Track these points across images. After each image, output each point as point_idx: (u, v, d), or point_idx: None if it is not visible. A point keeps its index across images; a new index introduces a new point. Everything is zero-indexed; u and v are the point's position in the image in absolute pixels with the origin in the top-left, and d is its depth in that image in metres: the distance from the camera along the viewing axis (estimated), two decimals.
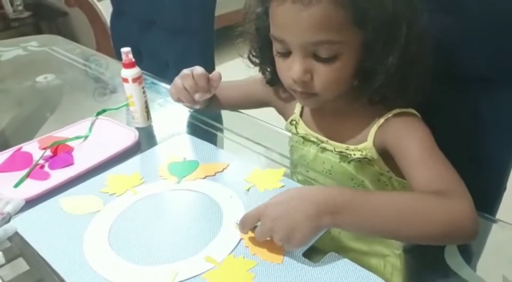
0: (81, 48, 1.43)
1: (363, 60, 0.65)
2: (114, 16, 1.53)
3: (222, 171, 0.76)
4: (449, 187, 0.60)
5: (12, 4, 2.81)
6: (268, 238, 0.57)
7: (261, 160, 0.82)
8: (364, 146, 0.72)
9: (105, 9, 2.74)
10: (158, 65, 1.32)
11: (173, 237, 0.62)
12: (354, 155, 0.73)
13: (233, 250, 0.59)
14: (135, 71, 0.86)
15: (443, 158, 0.64)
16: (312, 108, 0.80)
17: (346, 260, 0.56)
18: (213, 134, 0.90)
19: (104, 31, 2.71)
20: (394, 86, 0.66)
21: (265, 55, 0.76)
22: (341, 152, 0.75)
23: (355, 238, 0.76)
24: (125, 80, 0.86)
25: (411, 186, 0.64)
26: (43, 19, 3.05)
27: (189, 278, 0.55)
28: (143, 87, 0.89)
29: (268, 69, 0.79)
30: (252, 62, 0.80)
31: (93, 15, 2.77)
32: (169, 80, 1.13)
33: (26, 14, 2.86)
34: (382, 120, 0.71)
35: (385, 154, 0.72)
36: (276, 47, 0.68)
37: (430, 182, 0.62)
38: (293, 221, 0.54)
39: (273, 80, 0.80)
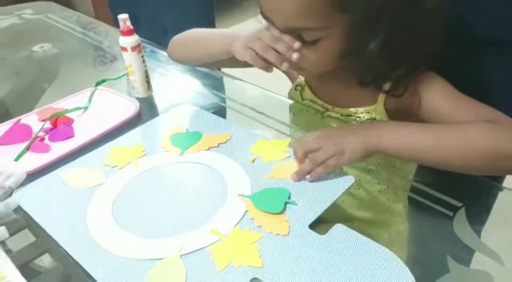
0: (77, 15, 1.39)
1: (347, 43, 0.62)
2: None
3: (226, 142, 0.74)
4: (494, 118, 0.60)
5: None
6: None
7: (264, 130, 0.80)
8: (374, 107, 0.71)
9: None
10: (157, 32, 1.28)
11: (177, 210, 0.62)
12: (364, 117, 0.71)
13: (238, 223, 0.58)
14: (134, 39, 0.84)
15: (469, 98, 0.63)
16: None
17: (353, 231, 0.55)
18: (216, 104, 0.88)
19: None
20: (381, 70, 0.64)
21: None
22: (349, 115, 0.73)
23: (360, 207, 0.75)
24: (124, 49, 0.84)
25: None
26: None
27: (194, 251, 0.55)
28: (142, 56, 0.86)
29: None
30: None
31: None
32: None
33: None
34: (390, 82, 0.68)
35: (395, 116, 0.70)
36: (268, 21, 0.66)
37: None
38: (345, 138, 0.61)
39: None
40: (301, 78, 0.80)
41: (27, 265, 0.57)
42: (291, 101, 0.83)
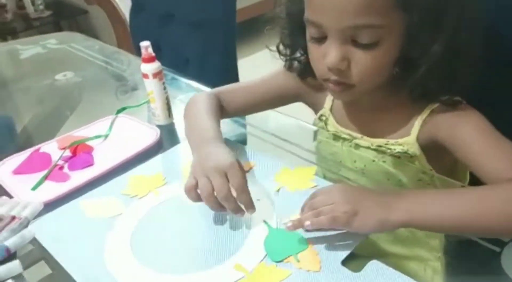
0: (100, 44, 1.41)
1: (406, 47, 0.59)
2: (132, 11, 1.49)
3: (248, 171, 0.71)
4: None
5: (33, 4, 2.81)
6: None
7: (288, 158, 0.77)
8: (406, 140, 0.66)
9: (125, 6, 2.72)
10: (178, 62, 1.28)
11: (199, 243, 0.58)
12: (394, 149, 0.67)
13: (264, 258, 0.54)
14: (155, 66, 0.82)
15: (508, 142, 0.59)
16: (345, 102, 0.74)
17: (390, 268, 0.51)
18: (237, 132, 0.85)
19: (124, 28, 2.70)
20: (438, 78, 0.60)
21: (297, 42, 0.70)
22: (380, 146, 0.69)
23: (395, 242, 0.70)
24: (145, 76, 0.83)
25: (481, 177, 0.59)
26: (63, 18, 3.05)
27: None
28: (163, 83, 0.85)
29: (301, 58, 0.73)
30: (280, 53, 0.75)
31: (113, 12, 2.76)
32: (190, 76, 1.10)
33: (46, 13, 2.87)
34: (427, 112, 0.65)
35: (429, 150, 0.66)
36: (311, 32, 0.62)
37: (504, 171, 0.56)
38: (361, 205, 0.54)
39: (305, 70, 0.74)
40: (325, 108, 0.77)
41: None
42: (315, 128, 0.80)
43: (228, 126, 0.85)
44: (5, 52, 1.43)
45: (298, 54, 0.73)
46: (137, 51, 1.05)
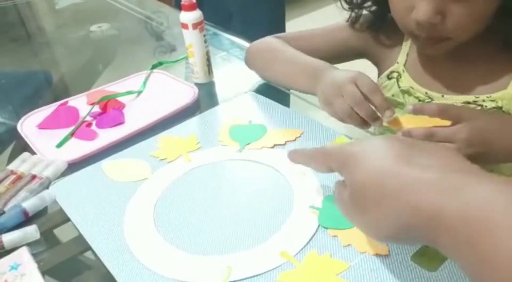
0: None
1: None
2: None
3: (295, 139, 0.61)
4: None
5: None
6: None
7: (341, 127, 0.66)
8: (502, 94, 0.56)
9: None
10: (221, 16, 1.18)
11: (231, 220, 0.49)
12: (486, 106, 0.57)
13: (308, 242, 0.45)
14: (196, 15, 0.72)
15: None
16: (421, 57, 0.64)
17: None
18: (286, 95, 0.75)
19: None
20: None
21: None
22: (468, 102, 0.58)
23: None
24: (185, 26, 0.73)
25: None
26: None
27: (256, 275, 0.42)
28: (204, 35, 0.75)
29: (373, 7, 0.64)
30: (348, 2, 0.65)
31: None
32: (233, 32, 1.00)
33: None
34: None
35: None
36: None
37: None
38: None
39: (379, 21, 0.65)
40: (399, 63, 0.66)
41: (71, 259, 0.48)
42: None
43: (276, 90, 0.75)
44: (41, 1, 1.37)
45: (369, 3, 0.63)
46: (178, 6, 0.96)
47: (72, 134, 0.67)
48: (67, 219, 0.53)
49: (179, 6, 0.75)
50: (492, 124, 0.51)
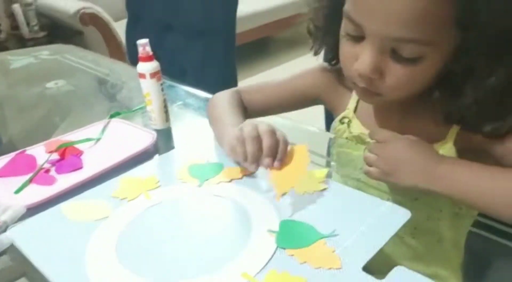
0: (94, 55, 1.36)
1: (452, 66, 0.53)
2: (129, 23, 1.47)
3: (252, 174, 0.65)
4: None
5: (28, 25, 2.79)
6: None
7: None
8: (441, 144, 0.60)
9: (120, 28, 2.71)
10: (176, 72, 1.24)
11: (194, 249, 0.51)
12: None
13: (267, 263, 0.48)
14: (154, 65, 0.77)
15: None
16: (369, 105, 0.68)
17: (417, 274, 0.45)
18: None
19: (119, 50, 2.68)
20: (486, 111, 0.54)
21: (332, 25, 0.62)
22: None
23: (412, 258, 0.65)
24: (142, 76, 0.77)
25: None
26: (58, 39, 3.02)
27: None
28: (161, 84, 0.79)
29: (332, 44, 0.66)
30: (311, 34, 0.69)
31: (108, 34, 2.74)
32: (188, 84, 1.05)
33: (41, 34, 2.84)
34: None
35: (466, 155, 0.59)
36: (347, 28, 0.55)
37: None
38: (402, 165, 0.56)
39: (333, 59, 0.70)
40: (349, 109, 0.71)
41: None
42: (332, 135, 0.74)
43: None
44: None
45: (330, 40, 0.66)
46: (132, 62, 1.01)
47: (30, 180, 0.68)
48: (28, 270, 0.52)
49: (133, 62, 0.80)
50: (403, 150, 0.57)
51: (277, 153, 0.59)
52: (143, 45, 0.77)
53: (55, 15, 2.86)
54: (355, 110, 0.70)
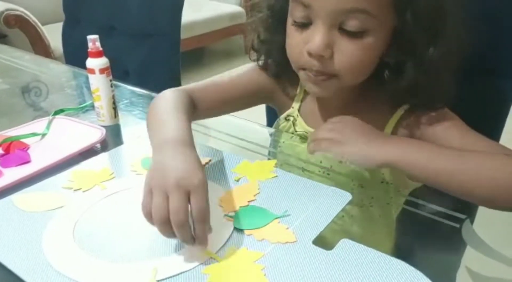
0: (31, 55, 1.32)
1: (393, 50, 0.59)
2: (66, 25, 1.43)
3: (205, 165, 0.68)
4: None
5: None
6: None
7: (248, 156, 0.74)
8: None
9: (49, 32, 2.61)
10: (117, 74, 1.23)
11: (152, 233, 0.53)
12: None
13: (227, 241, 0.51)
14: (103, 61, 0.78)
15: (485, 137, 0.61)
16: (317, 101, 0.73)
17: (361, 245, 0.50)
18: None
19: (47, 53, 2.57)
20: (422, 87, 0.60)
21: (275, 36, 0.68)
22: None
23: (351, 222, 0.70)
24: (91, 71, 0.78)
25: None
26: None
27: (175, 275, 0.47)
28: (110, 80, 0.80)
29: (276, 56, 0.71)
30: (255, 50, 0.73)
31: (35, 37, 2.62)
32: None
33: None
34: (401, 112, 0.66)
35: None
36: (295, 15, 0.60)
37: None
38: (348, 137, 0.59)
39: (280, 70, 0.73)
40: (294, 108, 0.76)
41: None
42: (272, 130, 0.79)
43: None
44: None
45: (274, 52, 0.71)
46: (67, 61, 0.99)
47: None
48: None
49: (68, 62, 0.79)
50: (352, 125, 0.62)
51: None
52: (93, 40, 0.77)
53: None
54: (299, 110, 0.76)
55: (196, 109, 0.70)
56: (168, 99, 0.66)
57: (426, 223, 0.58)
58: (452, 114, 0.64)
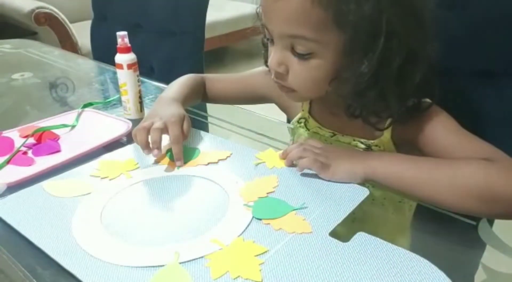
0: (60, 51, 1.36)
1: (339, 64, 0.60)
2: (94, 23, 1.48)
3: (226, 158, 0.70)
4: (492, 156, 0.58)
5: None
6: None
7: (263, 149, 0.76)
8: (380, 140, 0.70)
9: (76, 29, 2.68)
10: (143, 70, 1.27)
11: (174, 220, 0.56)
12: (372, 149, 0.70)
13: (242, 233, 0.53)
14: (131, 56, 0.81)
15: (474, 136, 0.62)
16: (321, 105, 0.77)
17: (377, 238, 0.51)
18: (205, 125, 0.86)
19: (74, 50, 2.64)
20: (370, 101, 0.61)
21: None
22: (356, 146, 0.72)
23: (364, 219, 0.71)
24: (120, 66, 0.81)
25: None
26: (7, 38, 2.93)
27: (192, 260, 0.49)
28: (138, 75, 0.83)
29: None
30: (264, 46, 0.76)
31: (64, 34, 2.70)
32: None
33: None
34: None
35: (402, 147, 0.69)
36: (265, 33, 0.66)
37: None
38: (335, 160, 0.61)
39: None
40: (304, 111, 0.79)
41: None
42: (292, 125, 0.81)
43: (202, 124, 0.85)
44: None
45: None
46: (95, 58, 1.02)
47: (8, 161, 0.69)
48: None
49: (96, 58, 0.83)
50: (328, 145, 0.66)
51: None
52: (122, 37, 0.80)
53: (6, 14, 2.78)
54: (309, 112, 0.79)
55: (206, 92, 0.87)
56: (185, 77, 0.86)
57: (442, 220, 0.59)
58: (439, 114, 0.65)
